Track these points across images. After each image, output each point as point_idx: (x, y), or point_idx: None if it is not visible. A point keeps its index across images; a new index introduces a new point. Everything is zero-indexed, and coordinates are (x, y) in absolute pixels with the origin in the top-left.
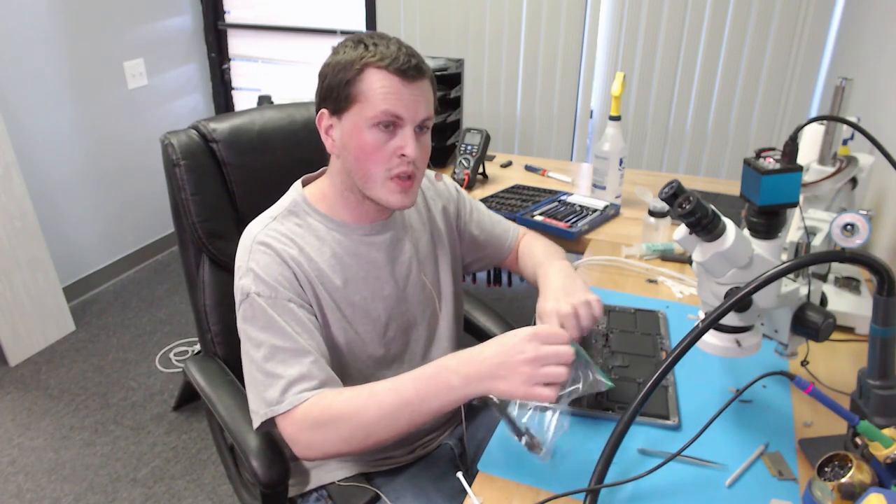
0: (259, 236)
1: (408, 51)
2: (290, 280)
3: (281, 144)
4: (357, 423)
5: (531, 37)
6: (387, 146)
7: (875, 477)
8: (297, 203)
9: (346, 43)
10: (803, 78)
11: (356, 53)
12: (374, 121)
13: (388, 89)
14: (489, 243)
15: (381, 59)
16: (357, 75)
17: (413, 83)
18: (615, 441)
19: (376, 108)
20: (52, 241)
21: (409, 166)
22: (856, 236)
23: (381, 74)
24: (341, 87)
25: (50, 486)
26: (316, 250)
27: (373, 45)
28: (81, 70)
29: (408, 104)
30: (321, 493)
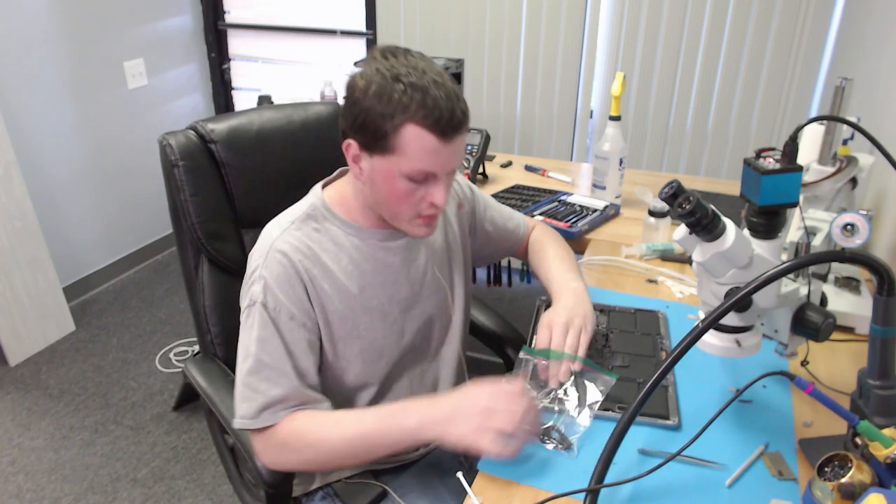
0: (277, 243)
1: (451, 102)
2: (300, 295)
3: (279, 145)
4: (319, 449)
5: (531, 37)
6: (416, 193)
7: (875, 477)
8: (316, 207)
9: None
10: (803, 78)
11: (396, 101)
12: (408, 176)
13: (427, 149)
14: (501, 238)
15: (424, 117)
16: (395, 130)
17: (453, 139)
18: (615, 441)
19: (412, 165)
20: (52, 241)
21: (436, 210)
22: (856, 236)
23: (422, 133)
24: (377, 132)
25: (50, 486)
26: (333, 257)
27: (416, 94)
28: (81, 70)
29: (445, 161)
30: (327, 491)
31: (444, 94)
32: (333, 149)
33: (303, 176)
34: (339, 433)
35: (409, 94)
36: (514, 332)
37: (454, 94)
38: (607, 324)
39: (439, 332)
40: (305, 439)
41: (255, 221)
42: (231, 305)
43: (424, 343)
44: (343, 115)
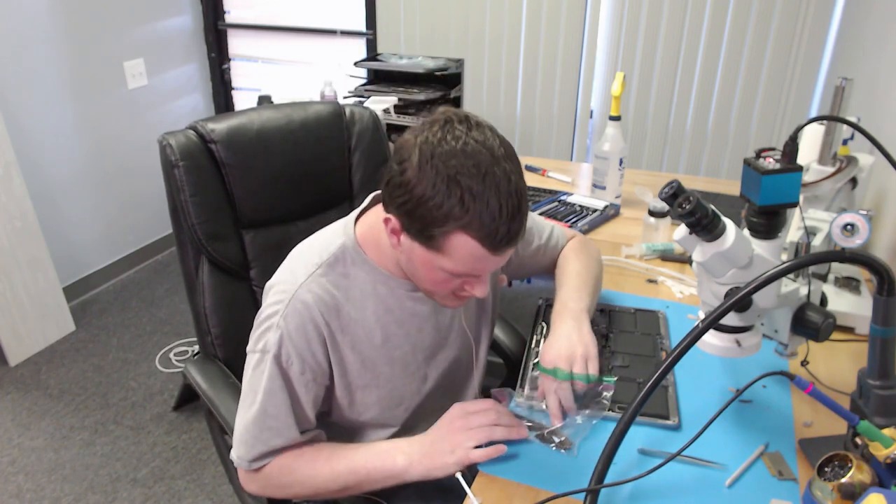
0: (300, 291)
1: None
2: (315, 350)
3: (279, 145)
4: (307, 484)
5: (531, 37)
6: (454, 282)
7: (875, 477)
8: (345, 249)
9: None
10: (803, 78)
11: (449, 208)
12: (450, 273)
13: (475, 258)
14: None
15: (477, 230)
16: (444, 234)
17: (505, 251)
18: (615, 441)
19: (456, 268)
20: (52, 241)
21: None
22: (856, 236)
23: (472, 244)
24: (423, 230)
25: (50, 486)
26: (358, 307)
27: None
28: (81, 70)
29: (491, 266)
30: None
31: (506, 202)
32: (334, 149)
33: (303, 176)
34: (329, 470)
35: (465, 204)
36: (514, 332)
37: (516, 202)
38: (607, 324)
39: (465, 372)
40: (293, 475)
41: (255, 222)
42: (231, 306)
43: (450, 385)
44: (387, 184)
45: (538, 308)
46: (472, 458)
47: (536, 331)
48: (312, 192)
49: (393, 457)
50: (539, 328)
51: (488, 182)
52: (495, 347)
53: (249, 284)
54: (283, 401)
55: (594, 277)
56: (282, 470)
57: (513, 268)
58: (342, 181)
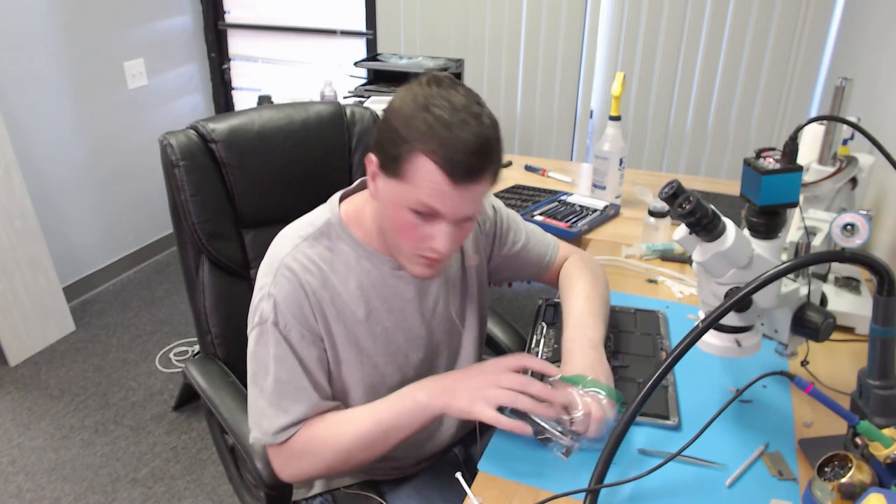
0: (287, 259)
1: (474, 145)
2: (308, 314)
3: (280, 145)
4: (337, 448)
5: (531, 37)
6: (420, 230)
7: (875, 477)
8: (330, 224)
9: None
10: (803, 78)
11: (415, 128)
12: (412, 208)
13: (434, 187)
14: (525, 264)
15: (438, 152)
16: (408, 154)
17: (464, 185)
18: (615, 441)
19: (417, 197)
20: (52, 241)
21: (437, 255)
22: (856, 236)
23: (432, 168)
24: (392, 153)
25: (50, 486)
26: (342, 279)
27: (440, 128)
28: (81, 70)
29: (453, 205)
30: (326, 499)
31: (474, 138)
32: (334, 149)
33: (303, 176)
34: (354, 428)
35: (433, 127)
36: (514, 332)
37: (484, 142)
38: None
39: (447, 360)
40: (323, 443)
41: (255, 221)
42: (231, 306)
43: (433, 371)
44: (375, 130)
45: (538, 308)
46: (485, 418)
47: (536, 331)
48: (313, 191)
49: (413, 393)
50: (539, 328)
51: (460, 117)
52: (495, 347)
53: (250, 284)
54: (293, 365)
55: (604, 302)
56: (309, 439)
57: (499, 266)
58: (342, 181)
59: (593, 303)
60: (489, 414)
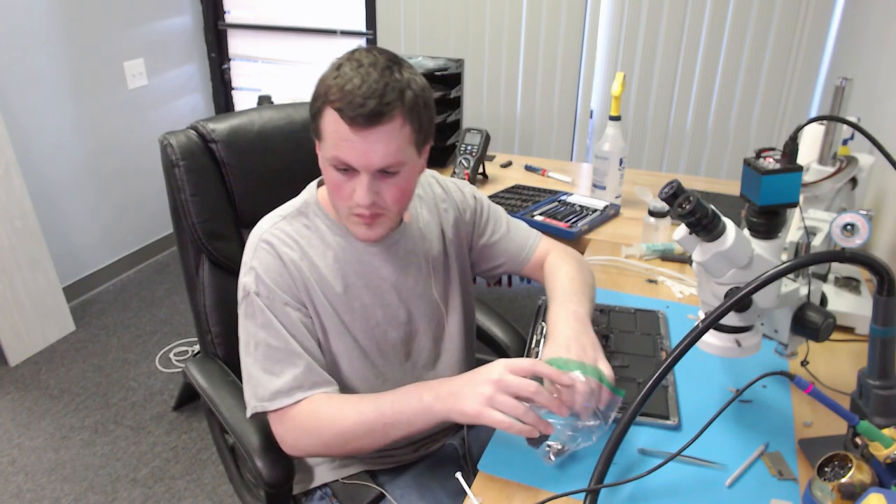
0: (265, 234)
1: (371, 90)
2: (289, 283)
3: (280, 145)
4: (338, 430)
5: (531, 37)
6: (346, 186)
7: (875, 477)
8: (307, 204)
9: (336, 60)
10: (803, 78)
11: (322, 85)
12: (330, 163)
13: (339, 136)
14: (504, 253)
15: (338, 100)
16: (320, 111)
17: (365, 130)
18: (615, 441)
19: (329, 151)
20: (52, 241)
21: (364, 209)
22: (856, 236)
23: (335, 118)
24: (312, 117)
25: (50, 486)
26: (319, 254)
27: (341, 76)
28: (81, 70)
29: (359, 153)
30: (325, 492)
31: (367, 83)
32: None
33: (303, 176)
34: (356, 414)
35: (336, 81)
36: (513, 332)
37: (381, 87)
38: (607, 324)
39: (431, 344)
40: (324, 420)
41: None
42: (232, 305)
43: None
44: None
45: (538, 308)
46: (494, 423)
47: (536, 331)
48: None
49: (420, 393)
50: (539, 328)
51: (362, 71)
52: (495, 347)
53: None
54: (280, 331)
55: (589, 285)
56: (311, 413)
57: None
58: None
59: (577, 283)
60: (498, 418)
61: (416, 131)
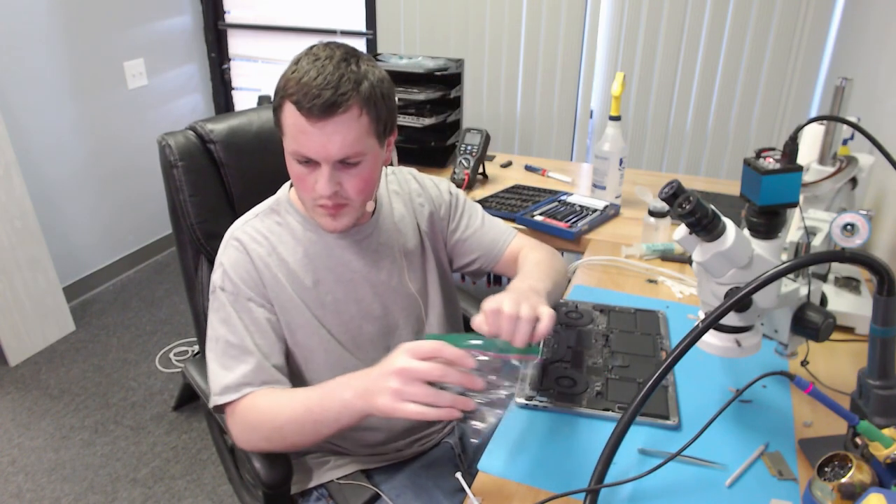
0: (236, 232)
1: (325, 81)
2: (255, 279)
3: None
4: (275, 425)
5: (531, 37)
6: (308, 178)
7: (875, 477)
8: (279, 201)
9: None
10: (803, 78)
11: (284, 77)
12: (293, 155)
13: (298, 128)
14: (478, 248)
15: (294, 93)
16: (280, 106)
17: (321, 121)
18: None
19: (290, 145)
20: (52, 241)
21: (328, 200)
22: (856, 236)
23: (292, 111)
24: (274, 111)
25: (50, 486)
26: (289, 250)
27: (298, 70)
28: (81, 70)
29: (317, 145)
30: (321, 492)
31: (322, 75)
32: None
33: None
34: (290, 408)
35: (292, 74)
36: None
37: (336, 78)
38: (607, 324)
39: (412, 337)
40: (263, 415)
41: None
42: None
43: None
44: None
45: None
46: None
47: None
48: None
49: (342, 391)
50: None
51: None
52: None
53: None
54: (239, 327)
55: (556, 271)
56: (251, 408)
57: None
58: None
59: (543, 266)
60: (412, 410)
61: (375, 121)
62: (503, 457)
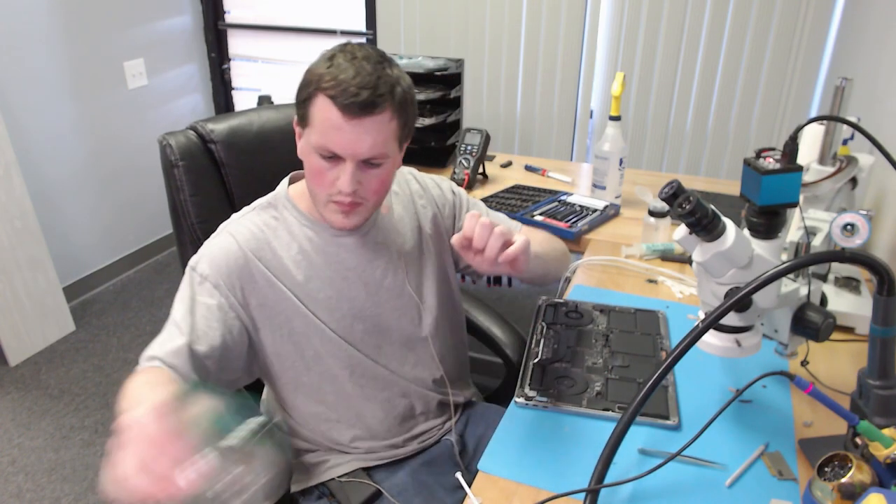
0: (230, 225)
1: (364, 81)
2: (239, 269)
3: (279, 145)
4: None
5: (531, 37)
6: (329, 173)
7: (875, 477)
8: (278, 197)
9: (326, 52)
10: (803, 78)
11: (318, 72)
12: (316, 150)
13: (330, 123)
14: None
15: (331, 88)
16: (310, 98)
17: (357, 119)
18: (615, 441)
19: (317, 139)
20: (52, 241)
21: (346, 197)
22: (856, 236)
23: (327, 105)
24: (300, 103)
25: (50, 486)
26: (284, 245)
27: (335, 67)
28: (81, 70)
29: (348, 142)
30: (322, 491)
31: (360, 74)
32: None
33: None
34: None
35: (331, 70)
36: (512, 332)
37: (374, 79)
38: (607, 324)
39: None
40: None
41: None
42: None
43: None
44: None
45: (538, 308)
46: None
47: (536, 331)
48: None
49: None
50: (539, 328)
51: (356, 63)
52: (495, 347)
53: None
54: (186, 307)
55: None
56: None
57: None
58: None
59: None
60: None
61: (402, 127)
62: (503, 457)
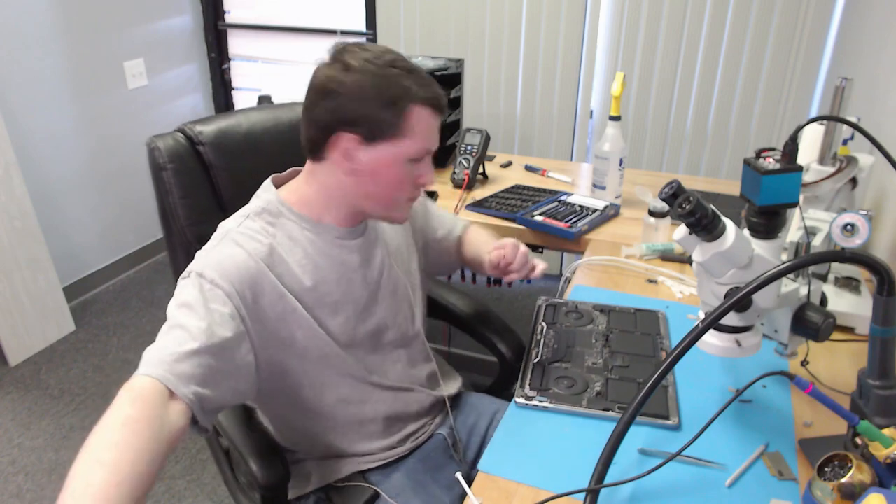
0: (231, 232)
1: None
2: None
3: (268, 146)
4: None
5: (531, 37)
6: (409, 176)
7: (875, 477)
8: (270, 203)
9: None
10: (803, 78)
11: (400, 86)
12: (414, 157)
13: (431, 128)
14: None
15: (426, 98)
16: (403, 111)
17: (442, 115)
18: (615, 441)
19: (420, 146)
20: (52, 241)
21: (423, 189)
22: (856, 236)
23: (427, 113)
24: (382, 118)
25: (50, 486)
26: (287, 250)
27: (414, 77)
28: (81, 70)
29: (436, 138)
30: (320, 496)
31: (426, 74)
32: None
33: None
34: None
35: (410, 80)
36: (510, 332)
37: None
38: (607, 324)
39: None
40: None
41: None
42: None
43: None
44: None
45: (538, 308)
46: None
47: (536, 331)
48: None
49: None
50: (539, 328)
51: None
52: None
53: None
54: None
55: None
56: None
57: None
58: None
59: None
60: None
61: None
62: (503, 457)
